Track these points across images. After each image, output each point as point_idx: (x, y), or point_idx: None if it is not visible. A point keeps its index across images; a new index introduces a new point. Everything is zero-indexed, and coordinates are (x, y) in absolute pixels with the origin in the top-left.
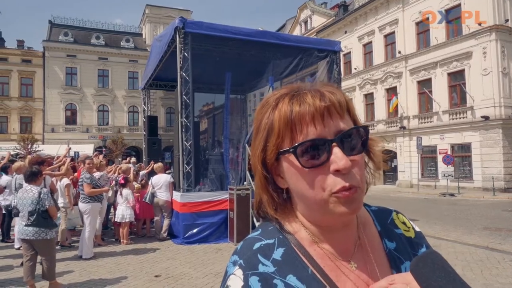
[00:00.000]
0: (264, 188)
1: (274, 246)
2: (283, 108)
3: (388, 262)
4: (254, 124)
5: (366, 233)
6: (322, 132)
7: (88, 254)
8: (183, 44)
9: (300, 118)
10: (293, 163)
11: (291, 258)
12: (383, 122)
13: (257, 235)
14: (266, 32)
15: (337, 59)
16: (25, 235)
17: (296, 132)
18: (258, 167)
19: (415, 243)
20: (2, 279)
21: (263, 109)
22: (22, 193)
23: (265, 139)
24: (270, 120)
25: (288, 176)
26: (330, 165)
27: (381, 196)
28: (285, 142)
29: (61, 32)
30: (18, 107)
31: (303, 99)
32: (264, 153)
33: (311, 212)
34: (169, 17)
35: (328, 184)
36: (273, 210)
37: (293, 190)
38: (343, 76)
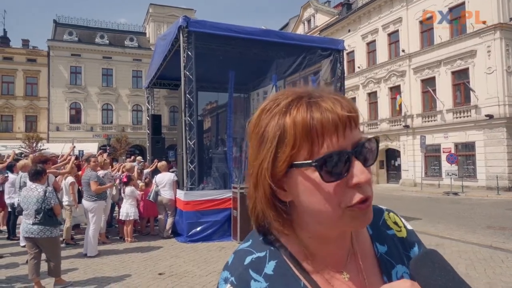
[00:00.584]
0: (271, 203)
1: (266, 260)
2: (300, 115)
3: (379, 267)
4: (254, 132)
5: (359, 239)
6: (343, 143)
7: (92, 252)
8: (186, 43)
9: (322, 127)
10: (309, 177)
11: (283, 271)
12: (387, 121)
13: (248, 247)
14: (269, 31)
15: (341, 58)
16: (30, 233)
17: (317, 142)
18: (265, 181)
19: (407, 243)
20: (9, 276)
21: (266, 115)
22: (27, 192)
23: (275, 149)
24: (280, 127)
25: (298, 190)
26: (350, 179)
27: (384, 195)
28: (301, 153)
29: (66, 32)
30: (23, 106)
31: (323, 107)
32: (273, 165)
33: (319, 226)
34: (172, 16)
35: (345, 198)
36: (281, 226)
37: (302, 205)
38: (347, 75)
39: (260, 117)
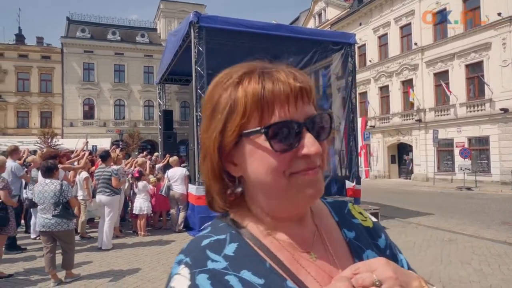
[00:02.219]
0: (218, 177)
1: (226, 242)
2: (252, 86)
3: (350, 251)
4: (207, 104)
5: (323, 223)
6: (294, 114)
7: (107, 246)
8: (197, 38)
9: (273, 97)
10: (260, 145)
11: (246, 253)
12: (399, 115)
13: (206, 233)
14: (280, 25)
15: (352, 52)
16: (47, 227)
17: (268, 112)
18: (213, 153)
19: (374, 233)
20: (26, 268)
21: (218, 88)
22: (42, 187)
23: (225, 119)
24: (232, 98)
25: (248, 161)
26: (300, 149)
27: (396, 189)
28: (251, 123)
29: (78, 29)
30: (38, 103)
31: (276, 77)
32: (222, 136)
33: (270, 200)
34: (183, 12)
35: (291, 167)
36: (224, 202)
37: (252, 177)
38: (358, 69)
39: (214, 89)
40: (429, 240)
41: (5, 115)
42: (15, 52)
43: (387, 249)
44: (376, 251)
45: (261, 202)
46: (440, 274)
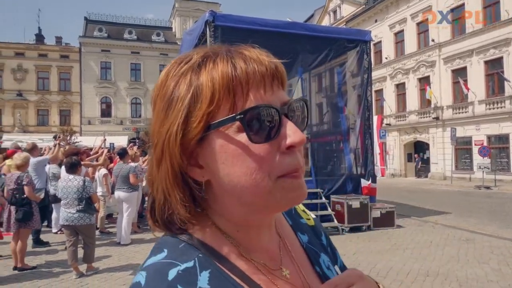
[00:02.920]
0: (179, 181)
1: (196, 271)
2: (219, 67)
3: (308, 257)
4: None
5: (283, 230)
6: (270, 99)
7: (125, 240)
8: (213, 37)
9: (247, 77)
10: (232, 138)
11: (221, 282)
12: (415, 112)
13: (164, 259)
14: (294, 23)
15: (367, 49)
16: (70, 221)
17: (241, 95)
18: (173, 150)
19: (317, 231)
20: (49, 261)
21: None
22: (66, 182)
23: (187, 109)
24: (193, 85)
25: (219, 160)
26: (282, 140)
27: (413, 188)
28: (221, 110)
29: (96, 28)
30: (57, 101)
31: (247, 56)
32: (183, 130)
33: (245, 208)
34: (198, 10)
35: (277, 166)
36: (188, 213)
37: (223, 181)
38: (373, 66)
39: (166, 77)
40: (446, 239)
41: (26, 113)
42: (35, 51)
43: (329, 247)
44: (324, 252)
45: (231, 210)
46: (457, 273)
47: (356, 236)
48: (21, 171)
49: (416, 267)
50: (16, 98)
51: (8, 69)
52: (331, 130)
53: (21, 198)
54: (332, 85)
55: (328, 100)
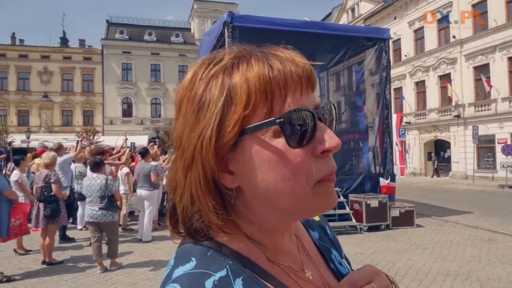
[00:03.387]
0: (211, 189)
1: (231, 279)
2: (254, 68)
3: (321, 254)
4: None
5: (299, 230)
6: (306, 102)
7: (147, 237)
8: (231, 38)
9: (285, 80)
10: (269, 144)
11: None
12: (436, 110)
13: (195, 268)
14: (312, 23)
15: (386, 47)
16: (94, 218)
17: (280, 98)
18: (206, 156)
19: (323, 226)
20: (75, 256)
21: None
22: (90, 181)
23: (221, 113)
24: (227, 86)
25: (253, 166)
26: (319, 145)
27: (433, 187)
28: (257, 114)
29: (117, 30)
30: (81, 102)
31: (282, 57)
32: (217, 134)
33: (275, 214)
34: (216, 11)
35: (314, 171)
36: (220, 222)
37: (256, 186)
38: (393, 64)
39: (194, 79)
40: (467, 239)
41: (51, 113)
42: (60, 54)
43: (336, 241)
44: (333, 246)
45: (261, 216)
46: (478, 273)
47: (374, 235)
48: (49, 170)
49: (435, 266)
50: (42, 99)
51: (35, 72)
52: (349, 129)
53: (49, 195)
54: (350, 84)
55: (346, 98)
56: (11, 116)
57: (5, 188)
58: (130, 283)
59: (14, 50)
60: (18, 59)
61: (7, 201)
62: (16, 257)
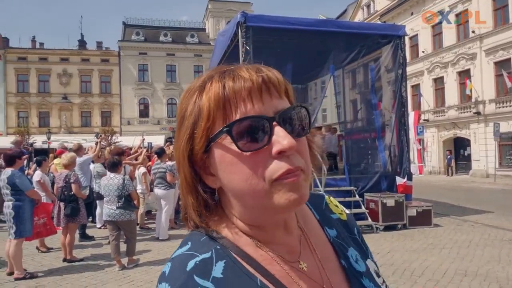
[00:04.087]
0: (191, 188)
1: (212, 261)
2: (213, 87)
3: (334, 251)
4: (177, 115)
5: (308, 226)
6: (261, 109)
7: (164, 236)
8: (244, 38)
9: (234, 94)
10: (228, 148)
11: (235, 271)
12: (455, 107)
13: (187, 251)
14: (326, 21)
15: (402, 44)
16: (112, 217)
17: (231, 110)
18: (184, 163)
19: (350, 225)
20: (94, 254)
21: (186, 96)
22: (108, 180)
23: (192, 126)
24: (197, 105)
25: (221, 169)
26: (272, 147)
27: (452, 186)
28: (216, 125)
29: (134, 32)
30: (99, 103)
31: (236, 73)
32: (190, 144)
33: (250, 210)
34: (230, 11)
35: (269, 171)
36: (198, 216)
37: (228, 187)
38: (410, 60)
39: (182, 99)
40: (486, 239)
41: (71, 115)
42: (78, 56)
43: (362, 242)
44: (355, 246)
45: (241, 212)
46: (497, 274)
47: (390, 234)
48: (68, 170)
49: (453, 267)
50: (62, 101)
51: (54, 74)
52: (365, 127)
53: (69, 195)
54: (366, 81)
55: (362, 96)
56: (32, 117)
57: (28, 188)
58: (147, 281)
59: (35, 53)
60: (38, 62)
61: (30, 201)
62: (39, 254)
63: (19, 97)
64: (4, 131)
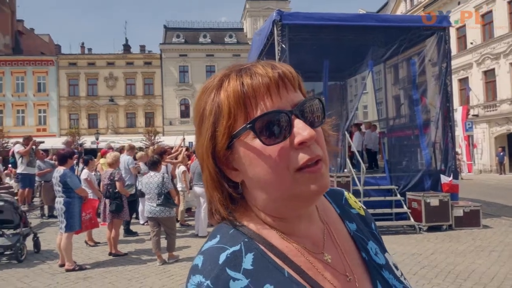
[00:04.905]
0: (216, 184)
1: (242, 253)
2: (231, 85)
3: (354, 244)
4: (195, 114)
5: (330, 219)
6: (279, 104)
7: (203, 233)
8: (280, 36)
9: (254, 91)
10: (251, 145)
11: (264, 263)
12: (508, 101)
13: (217, 243)
14: (364, 15)
15: (446, 36)
16: (153, 214)
17: (251, 107)
18: (208, 160)
19: (368, 220)
20: (137, 249)
21: (204, 95)
22: (148, 178)
23: (213, 125)
24: (216, 103)
25: (245, 163)
26: (294, 139)
27: (505, 185)
28: (238, 122)
29: (174, 35)
30: (143, 104)
31: (253, 71)
32: (213, 142)
33: (275, 202)
34: (268, 9)
35: (292, 161)
36: (226, 210)
37: (252, 180)
38: (457, 52)
39: (199, 98)
40: None
41: (117, 116)
42: (123, 60)
43: (379, 237)
44: (374, 240)
45: (265, 205)
46: None
47: (434, 235)
48: (113, 168)
49: (503, 271)
50: (108, 103)
51: (101, 78)
52: (407, 124)
53: (114, 192)
54: (409, 76)
55: (405, 92)
56: (82, 119)
57: (77, 186)
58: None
59: (84, 58)
60: (87, 66)
61: (79, 197)
62: (87, 248)
63: (70, 100)
64: (58, 132)
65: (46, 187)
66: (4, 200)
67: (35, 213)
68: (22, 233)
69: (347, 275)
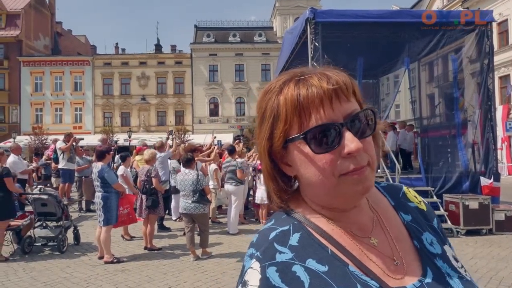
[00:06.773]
0: (271, 177)
1: (290, 232)
2: (289, 93)
3: (408, 233)
4: (258, 112)
5: (381, 209)
6: (331, 115)
7: (234, 230)
8: (313, 34)
9: (308, 102)
10: (302, 150)
11: (309, 241)
12: None
13: (271, 225)
14: (399, 11)
15: (488, 31)
16: (188, 210)
17: (305, 117)
18: (265, 157)
19: (429, 215)
20: (171, 244)
21: (266, 96)
22: (183, 176)
23: (271, 126)
24: (275, 106)
25: (297, 164)
26: (342, 149)
27: None
28: (293, 128)
29: (204, 34)
30: (173, 103)
31: (309, 83)
32: (270, 142)
33: (322, 197)
34: (298, 8)
35: (338, 168)
36: (279, 199)
37: (302, 178)
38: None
39: (262, 98)
40: None
41: (148, 114)
42: (155, 60)
43: (440, 232)
44: (432, 232)
45: (314, 197)
46: None
47: (474, 239)
48: (150, 165)
49: None
50: (140, 102)
51: (134, 77)
52: (443, 123)
53: (150, 188)
54: (445, 74)
55: (440, 90)
56: (116, 117)
57: (114, 181)
58: (220, 272)
59: (118, 58)
60: (120, 66)
61: (116, 192)
62: (124, 242)
63: (105, 99)
64: (92, 130)
65: (87, 182)
66: (48, 193)
67: (73, 207)
68: (64, 226)
69: (394, 259)
